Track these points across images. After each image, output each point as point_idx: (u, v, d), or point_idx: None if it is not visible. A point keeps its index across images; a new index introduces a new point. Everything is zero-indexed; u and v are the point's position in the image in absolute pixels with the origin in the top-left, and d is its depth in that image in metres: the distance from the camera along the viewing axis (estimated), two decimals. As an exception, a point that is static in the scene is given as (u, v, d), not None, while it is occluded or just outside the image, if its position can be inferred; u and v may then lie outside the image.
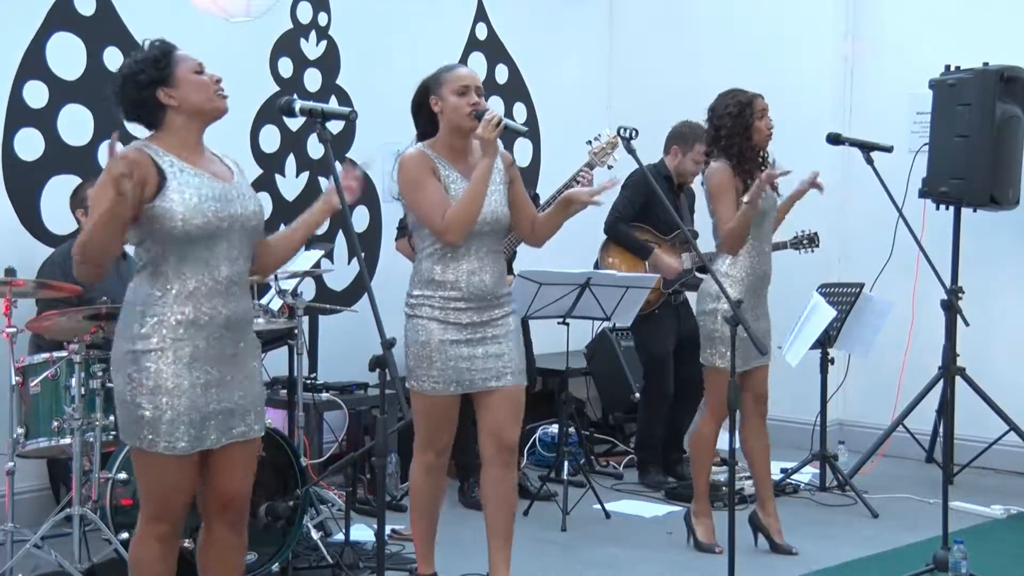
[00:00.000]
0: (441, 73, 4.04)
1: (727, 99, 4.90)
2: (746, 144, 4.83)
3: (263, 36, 6.15)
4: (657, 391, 6.19)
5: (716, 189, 4.84)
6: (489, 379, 4.02)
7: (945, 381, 6.02)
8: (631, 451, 6.74)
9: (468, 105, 3.94)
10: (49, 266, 5.05)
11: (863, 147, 4.77)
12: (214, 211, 3.18)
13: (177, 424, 3.15)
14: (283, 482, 4.48)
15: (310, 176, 6.46)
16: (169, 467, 3.19)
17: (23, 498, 4.90)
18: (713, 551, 4.95)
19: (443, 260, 3.97)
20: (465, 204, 3.89)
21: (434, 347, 3.96)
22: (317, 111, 3.42)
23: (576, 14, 7.87)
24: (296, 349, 5.15)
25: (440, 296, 3.97)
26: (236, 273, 3.26)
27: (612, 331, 6.92)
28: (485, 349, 4.00)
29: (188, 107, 3.23)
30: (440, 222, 3.89)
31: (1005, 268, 6.63)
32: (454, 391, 4.00)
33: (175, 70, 3.21)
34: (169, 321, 3.16)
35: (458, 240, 3.91)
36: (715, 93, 5.01)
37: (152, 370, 3.15)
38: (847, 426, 7.04)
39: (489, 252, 4.02)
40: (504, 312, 4.07)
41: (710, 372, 4.91)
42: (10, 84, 5.32)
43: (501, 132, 3.90)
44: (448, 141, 4.03)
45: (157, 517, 3.26)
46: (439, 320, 3.97)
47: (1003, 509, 5.73)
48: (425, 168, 3.96)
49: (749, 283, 4.87)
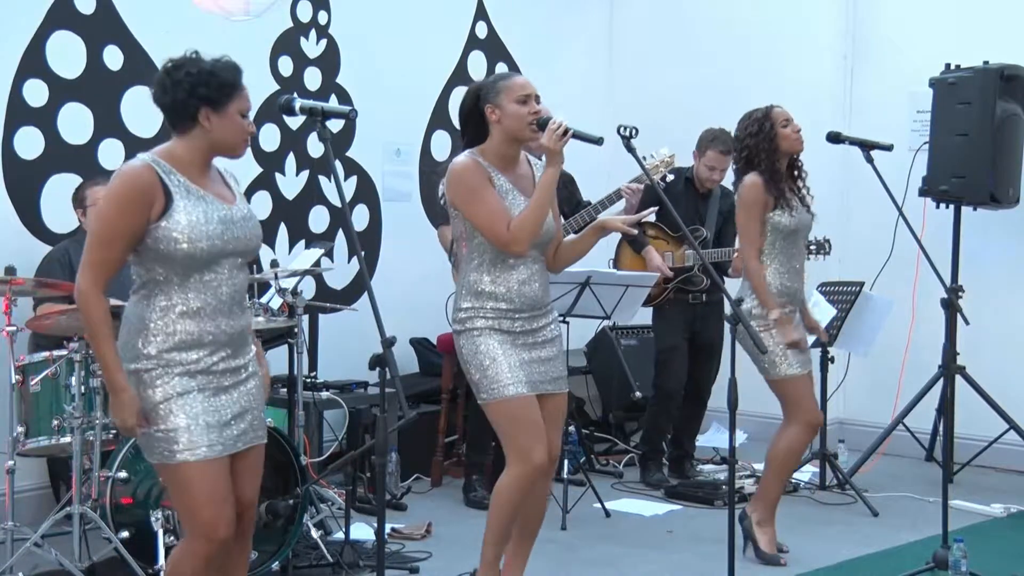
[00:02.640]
0: (498, 81, 3.92)
1: (745, 121, 4.85)
2: (774, 157, 4.76)
3: (263, 35, 6.15)
4: (661, 387, 6.18)
5: (743, 202, 4.81)
6: (546, 382, 3.95)
7: (945, 380, 6.03)
8: (631, 450, 6.75)
9: (530, 114, 3.85)
10: (47, 264, 5.05)
11: (863, 146, 4.77)
12: (219, 234, 3.17)
13: (194, 429, 3.13)
14: (283, 481, 4.47)
15: (310, 175, 6.46)
16: (197, 475, 3.14)
17: (23, 497, 4.90)
18: (779, 563, 4.84)
19: (492, 271, 3.89)
20: (532, 214, 3.81)
21: (498, 351, 3.86)
22: (317, 110, 3.41)
23: (576, 14, 7.87)
24: (296, 348, 5.15)
25: (492, 307, 3.88)
26: (236, 292, 3.25)
27: (612, 330, 6.93)
28: (538, 354, 3.94)
29: (217, 138, 3.20)
30: (506, 233, 3.79)
31: (1005, 266, 6.63)
32: (527, 391, 3.87)
33: (229, 103, 3.18)
34: (172, 340, 3.15)
35: (524, 250, 3.84)
36: (715, 93, 5.03)
37: (159, 384, 3.14)
38: (847, 425, 7.05)
39: (537, 261, 3.95)
40: (552, 319, 4.04)
41: (779, 383, 4.80)
42: (10, 83, 5.32)
43: (567, 141, 3.82)
44: (500, 150, 3.91)
45: (203, 533, 3.18)
46: (495, 328, 3.88)
47: (1003, 508, 5.73)
48: (482, 177, 3.86)
49: (784, 300, 4.79)
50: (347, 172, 6.61)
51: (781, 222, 4.75)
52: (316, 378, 5.81)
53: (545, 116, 3.86)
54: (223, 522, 3.19)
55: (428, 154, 7.02)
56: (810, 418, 4.82)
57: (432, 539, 5.15)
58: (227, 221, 3.20)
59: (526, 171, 4.00)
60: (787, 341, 4.69)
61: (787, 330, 4.70)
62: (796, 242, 4.86)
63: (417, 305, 6.17)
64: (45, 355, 4.50)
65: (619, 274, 5.61)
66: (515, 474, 3.88)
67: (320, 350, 5.97)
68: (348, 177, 6.62)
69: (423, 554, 4.86)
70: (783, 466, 4.93)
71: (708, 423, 6.77)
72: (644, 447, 6.34)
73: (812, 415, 4.83)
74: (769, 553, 4.87)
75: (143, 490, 4.31)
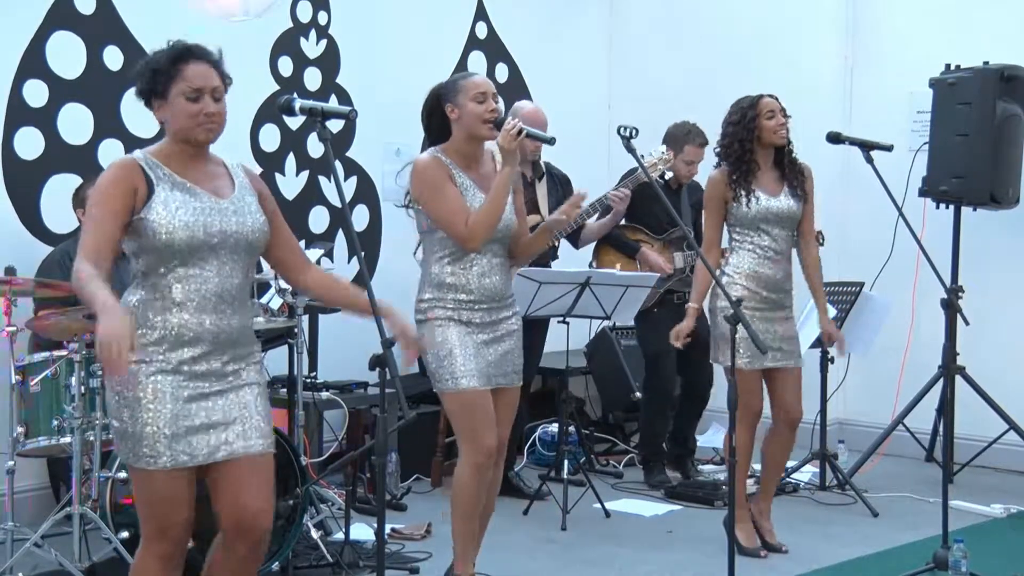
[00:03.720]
0: (457, 81, 4.06)
1: (733, 107, 4.94)
2: (748, 147, 4.84)
3: (263, 35, 6.15)
4: (655, 389, 6.20)
5: (705, 198, 5.03)
6: (500, 376, 4.08)
7: (945, 380, 6.03)
8: (631, 450, 6.75)
9: (487, 112, 3.97)
10: (47, 266, 5.05)
11: (863, 146, 4.77)
12: (201, 225, 3.09)
13: (157, 438, 3.06)
14: (283, 481, 4.47)
15: (310, 175, 6.46)
16: (156, 482, 3.09)
17: (23, 497, 4.90)
18: (758, 555, 4.93)
19: (454, 264, 4.03)
20: (487, 212, 3.95)
21: (455, 342, 4.00)
22: (317, 110, 3.40)
23: (576, 13, 7.87)
24: (296, 348, 5.15)
25: (452, 298, 4.02)
26: (227, 290, 3.16)
27: (612, 330, 6.93)
28: (496, 348, 4.07)
29: (171, 127, 3.16)
30: (463, 229, 3.94)
31: (1005, 267, 6.63)
32: (481, 384, 4.02)
33: (170, 88, 3.11)
34: (153, 333, 3.09)
35: (479, 246, 3.98)
36: (714, 92, 5.04)
37: (133, 383, 3.06)
38: (847, 425, 7.05)
39: (497, 256, 4.08)
40: (511, 312, 4.16)
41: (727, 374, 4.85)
42: (10, 83, 5.32)
43: (520, 141, 3.95)
44: (461, 148, 4.06)
45: (155, 535, 3.16)
46: (454, 319, 4.02)
47: (1003, 508, 5.73)
48: (443, 174, 4.00)
49: (752, 285, 4.85)
50: (347, 172, 6.61)
51: (738, 211, 4.86)
52: (316, 378, 5.81)
53: (501, 116, 3.99)
54: (179, 524, 3.13)
55: (428, 154, 7.02)
56: (746, 416, 4.81)
57: (432, 539, 5.14)
58: (211, 213, 3.12)
59: (489, 169, 4.10)
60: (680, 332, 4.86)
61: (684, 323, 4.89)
62: (769, 229, 4.88)
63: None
64: (45, 355, 4.50)
65: (619, 274, 5.61)
66: (468, 461, 4.04)
67: (320, 350, 5.97)
68: (348, 177, 6.63)
69: (423, 554, 4.86)
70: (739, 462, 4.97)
71: (708, 423, 6.77)
72: (644, 450, 6.34)
73: (750, 408, 4.84)
74: (749, 547, 4.94)
75: (143, 490, 4.31)
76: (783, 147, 4.92)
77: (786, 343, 4.93)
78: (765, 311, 4.87)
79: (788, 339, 4.95)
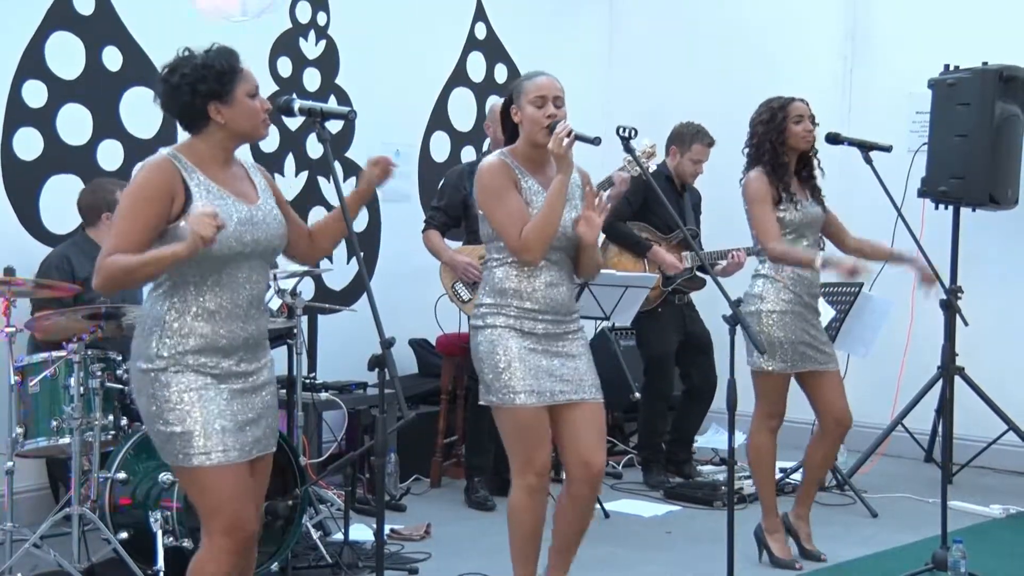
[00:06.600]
0: (522, 81, 3.88)
1: (761, 107, 4.81)
2: (780, 150, 4.72)
3: (262, 36, 6.15)
4: (656, 390, 6.20)
5: (752, 197, 4.74)
6: (568, 392, 3.79)
7: (944, 381, 6.03)
8: (631, 451, 6.74)
9: (544, 117, 3.75)
10: (46, 268, 5.04)
11: (862, 147, 4.77)
12: (237, 236, 3.10)
13: (210, 433, 3.06)
14: (282, 481, 4.47)
15: (309, 176, 6.46)
16: (215, 478, 3.08)
17: (22, 497, 4.90)
18: (793, 567, 4.80)
19: (520, 269, 3.78)
20: (541, 224, 3.69)
21: (514, 355, 3.73)
22: (316, 110, 3.40)
23: (576, 14, 7.87)
24: (295, 348, 5.15)
25: (516, 306, 3.76)
26: (256, 295, 3.20)
27: (611, 331, 6.92)
28: (561, 362, 3.79)
29: (233, 128, 3.16)
30: (517, 240, 3.70)
31: (1004, 267, 6.63)
32: (539, 401, 3.73)
33: (235, 89, 3.13)
34: (188, 342, 3.09)
35: (535, 259, 3.73)
36: (715, 93, 5.02)
37: (173, 385, 3.07)
38: (846, 426, 7.04)
39: (565, 266, 3.84)
40: (577, 327, 3.91)
41: (756, 376, 4.80)
42: (9, 83, 5.32)
43: (572, 145, 3.71)
44: (527, 151, 3.83)
45: (225, 531, 3.10)
46: (515, 329, 3.76)
47: (1002, 508, 5.73)
48: (506, 178, 3.78)
49: (796, 288, 4.77)
50: (346, 173, 6.60)
51: (786, 218, 4.72)
52: (315, 379, 5.81)
53: (558, 120, 3.74)
54: (247, 518, 3.13)
55: (427, 155, 7.02)
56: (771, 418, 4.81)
57: (431, 540, 5.14)
58: (247, 222, 3.14)
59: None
60: (847, 269, 4.66)
61: (840, 263, 4.68)
62: (806, 235, 4.81)
63: (416, 306, 6.17)
64: (44, 356, 4.50)
65: (618, 275, 5.60)
66: (519, 483, 3.80)
67: (319, 351, 5.98)
68: (347, 178, 6.61)
69: (422, 555, 4.86)
70: (753, 468, 4.99)
71: (707, 424, 6.76)
72: (643, 452, 6.33)
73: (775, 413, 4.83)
74: (783, 559, 4.85)
75: (142, 491, 4.31)
76: (807, 152, 4.84)
77: (825, 346, 4.87)
78: (805, 314, 4.80)
79: (825, 342, 4.89)
